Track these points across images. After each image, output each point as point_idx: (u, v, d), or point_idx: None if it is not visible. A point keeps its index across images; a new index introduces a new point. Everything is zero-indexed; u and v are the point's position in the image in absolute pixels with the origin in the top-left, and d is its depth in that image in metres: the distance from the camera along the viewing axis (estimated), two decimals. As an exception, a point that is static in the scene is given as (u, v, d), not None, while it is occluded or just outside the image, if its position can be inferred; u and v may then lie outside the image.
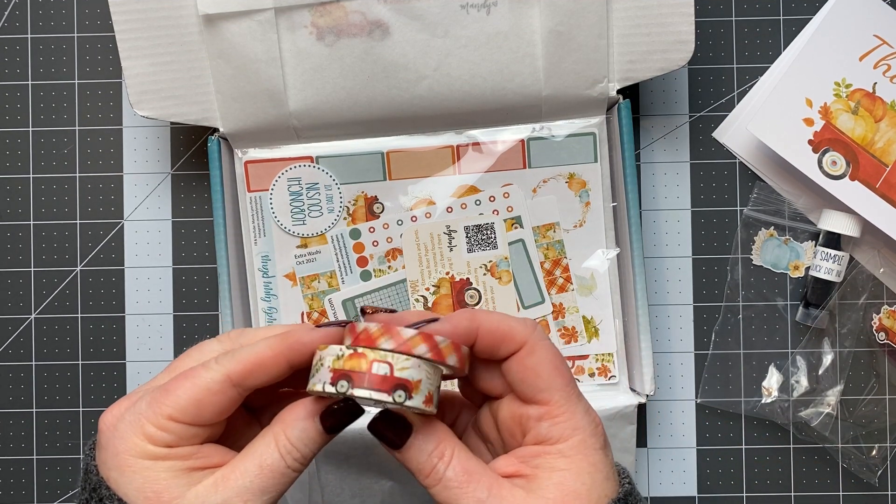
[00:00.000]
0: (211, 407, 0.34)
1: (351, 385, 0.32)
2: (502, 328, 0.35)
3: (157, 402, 0.34)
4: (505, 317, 0.36)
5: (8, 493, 0.55)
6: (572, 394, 0.35)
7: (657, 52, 0.50)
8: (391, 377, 0.32)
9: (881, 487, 0.54)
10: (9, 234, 0.55)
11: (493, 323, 0.35)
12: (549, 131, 0.52)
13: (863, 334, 0.54)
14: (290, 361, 0.35)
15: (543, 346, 0.35)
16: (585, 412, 0.35)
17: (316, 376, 0.33)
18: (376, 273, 0.53)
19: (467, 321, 0.35)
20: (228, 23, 0.49)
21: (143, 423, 0.34)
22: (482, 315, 0.35)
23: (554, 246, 0.53)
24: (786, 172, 0.54)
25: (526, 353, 0.35)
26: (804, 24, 0.55)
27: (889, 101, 0.52)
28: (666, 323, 0.55)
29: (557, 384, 0.35)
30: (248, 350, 0.35)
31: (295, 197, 0.53)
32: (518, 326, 0.35)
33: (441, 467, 0.34)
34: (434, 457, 0.34)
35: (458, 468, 0.34)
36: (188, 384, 0.34)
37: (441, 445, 0.34)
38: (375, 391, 0.32)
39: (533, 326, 0.36)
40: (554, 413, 0.35)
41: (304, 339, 0.35)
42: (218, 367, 0.34)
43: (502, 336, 0.35)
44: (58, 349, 0.55)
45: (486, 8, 0.49)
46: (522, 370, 0.35)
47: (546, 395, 0.35)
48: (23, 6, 0.55)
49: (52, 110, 0.55)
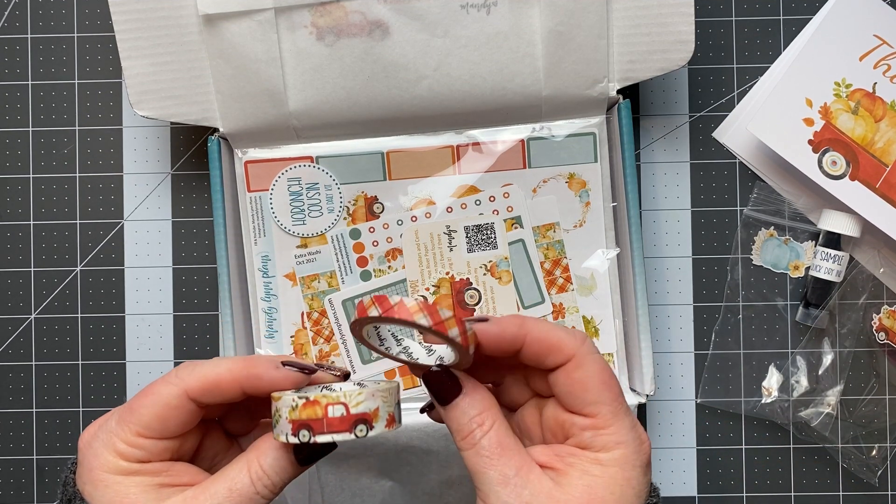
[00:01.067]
0: (174, 420, 0.35)
1: (312, 433, 0.33)
2: (551, 339, 0.35)
3: (124, 420, 0.35)
4: (554, 328, 0.35)
5: (8, 493, 0.55)
6: (620, 408, 0.35)
7: (657, 52, 0.50)
8: (348, 416, 0.33)
9: (881, 487, 0.54)
10: (9, 234, 0.55)
11: (542, 333, 0.35)
12: (549, 131, 0.52)
13: (863, 334, 0.54)
14: (246, 389, 0.36)
15: (592, 360, 0.35)
16: (632, 427, 0.35)
17: (277, 427, 0.34)
18: (376, 273, 0.53)
19: (516, 327, 0.35)
20: (228, 23, 0.49)
21: (114, 441, 0.35)
22: (531, 323, 0.35)
23: (554, 246, 0.53)
24: (786, 172, 0.54)
25: (574, 367, 0.35)
26: (804, 24, 0.55)
27: (889, 101, 0.52)
28: (666, 323, 0.55)
29: (605, 398, 0.35)
30: (207, 367, 0.36)
31: (295, 197, 0.53)
32: (567, 339, 0.35)
33: (478, 434, 0.34)
34: (474, 422, 0.35)
35: (494, 439, 0.34)
36: (149, 400, 0.35)
37: (484, 414, 0.35)
38: (337, 433, 0.33)
39: (582, 339, 0.35)
40: (600, 425, 0.35)
41: (263, 377, 0.35)
42: (177, 380, 0.35)
43: (550, 347, 0.35)
44: (58, 349, 0.55)
45: (486, 8, 0.49)
46: (570, 383, 0.35)
47: (593, 409, 0.35)
48: (23, 6, 0.55)
49: (52, 110, 0.55)
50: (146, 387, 0.36)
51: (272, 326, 0.53)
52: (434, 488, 0.51)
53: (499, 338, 0.35)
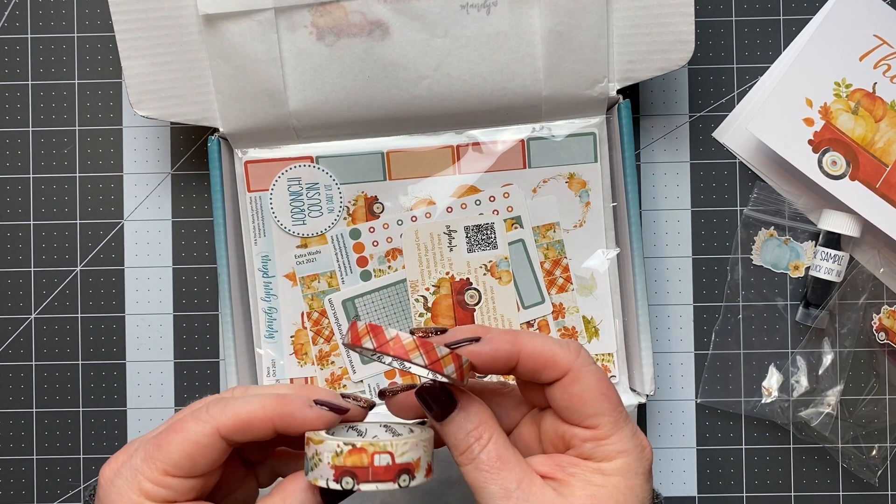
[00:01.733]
0: (204, 459, 0.34)
1: (356, 481, 0.33)
2: (545, 354, 0.34)
3: (152, 458, 0.34)
4: (547, 341, 0.35)
5: (8, 493, 0.55)
6: (620, 417, 0.35)
7: (657, 52, 0.50)
8: (393, 465, 0.33)
9: (881, 487, 0.54)
10: (9, 234, 0.55)
11: (536, 348, 0.34)
12: (549, 131, 0.52)
13: (863, 334, 0.54)
14: (278, 428, 0.35)
15: (588, 373, 0.35)
16: (632, 436, 0.35)
17: (316, 470, 0.33)
18: (376, 273, 0.53)
19: (509, 345, 0.34)
20: (228, 23, 0.49)
21: (139, 479, 0.34)
22: (524, 339, 0.35)
23: (554, 246, 0.53)
24: (786, 172, 0.54)
25: (570, 381, 0.34)
26: (804, 24, 0.55)
27: (889, 101, 0.52)
28: (666, 323, 0.55)
29: (604, 409, 0.34)
30: (240, 405, 0.34)
31: (295, 197, 0.53)
32: (561, 352, 0.35)
33: (476, 448, 0.34)
34: (471, 436, 0.34)
35: (493, 453, 0.34)
36: (179, 438, 0.34)
37: (480, 427, 0.34)
38: (381, 483, 0.33)
39: (577, 351, 0.35)
40: (600, 437, 0.34)
41: (296, 416, 0.34)
42: (208, 418, 0.34)
43: (545, 363, 0.34)
44: (58, 349, 0.55)
45: (486, 8, 0.49)
46: (567, 397, 0.35)
47: (593, 421, 0.34)
48: (23, 6, 0.55)
49: (52, 110, 0.55)
50: (174, 422, 0.35)
51: (272, 326, 0.53)
52: (434, 488, 0.50)
53: (492, 358, 0.34)
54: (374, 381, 0.53)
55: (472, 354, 0.34)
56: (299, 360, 0.53)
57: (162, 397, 0.55)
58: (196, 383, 0.55)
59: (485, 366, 0.35)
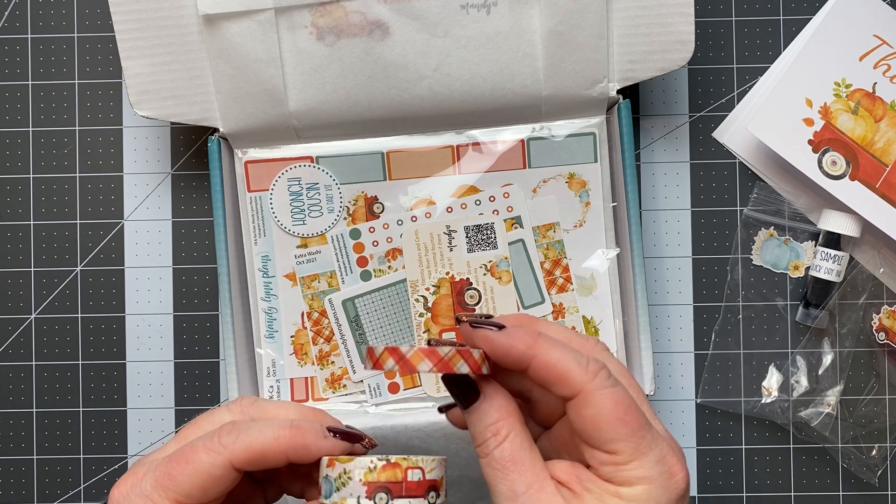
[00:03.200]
0: (215, 489, 0.34)
1: (390, 496, 0.33)
2: (558, 369, 0.32)
3: (162, 486, 0.33)
4: (566, 355, 0.32)
5: (8, 493, 0.55)
6: (642, 442, 0.32)
7: (657, 52, 0.50)
8: (424, 481, 0.33)
9: (881, 487, 0.54)
10: (9, 234, 0.55)
11: (550, 360, 0.32)
12: (549, 131, 0.52)
13: (863, 334, 0.54)
14: (291, 459, 0.34)
15: (603, 397, 0.32)
16: (658, 461, 0.32)
17: (345, 490, 0.33)
18: (376, 273, 0.53)
19: (524, 346, 0.33)
20: (228, 23, 0.49)
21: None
22: (543, 345, 0.33)
23: (554, 246, 0.53)
24: (786, 172, 0.54)
25: (581, 403, 0.32)
26: (804, 24, 0.55)
27: (889, 101, 0.52)
28: (666, 323, 0.55)
29: (622, 435, 0.32)
30: (253, 435, 0.34)
31: (295, 197, 0.53)
32: (575, 370, 0.32)
33: (492, 444, 0.33)
34: (489, 431, 0.33)
35: (507, 451, 0.33)
36: (190, 470, 0.33)
37: (500, 422, 0.33)
38: (414, 498, 0.33)
39: (595, 371, 0.32)
40: (619, 462, 0.32)
41: (311, 447, 0.34)
42: (220, 448, 0.34)
43: (556, 377, 0.32)
44: (58, 349, 0.55)
45: (486, 8, 0.49)
46: (580, 420, 0.32)
47: (611, 446, 0.32)
48: (23, 6, 0.55)
49: (52, 110, 0.55)
50: (185, 451, 0.34)
51: (272, 326, 0.53)
52: (434, 488, 0.51)
53: (504, 354, 0.33)
54: (375, 382, 0.53)
55: (484, 341, 0.33)
56: (299, 360, 0.53)
57: (162, 397, 0.55)
58: (196, 383, 0.55)
59: (496, 358, 0.33)
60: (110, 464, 0.55)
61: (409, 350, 0.32)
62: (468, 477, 0.50)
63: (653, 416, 0.35)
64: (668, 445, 0.33)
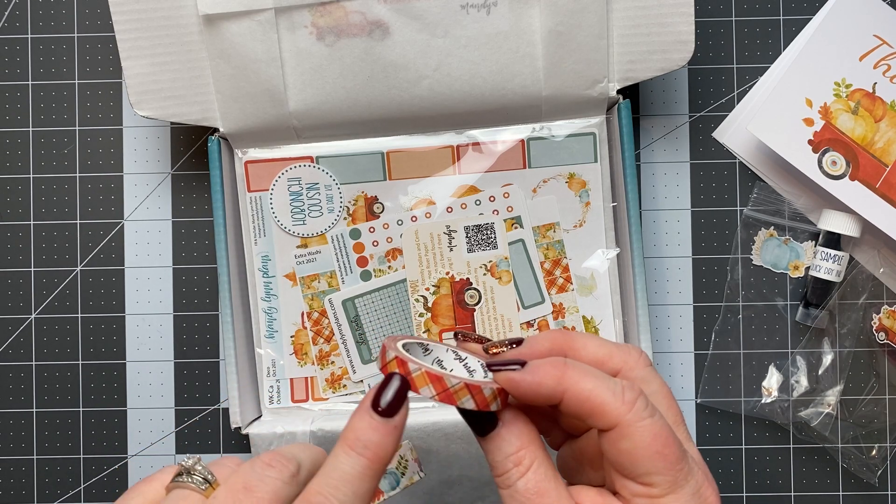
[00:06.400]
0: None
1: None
2: (593, 402, 0.30)
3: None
4: (599, 385, 0.31)
5: (8, 493, 0.55)
6: (679, 475, 0.31)
7: (657, 52, 0.50)
8: None
9: (881, 487, 0.54)
10: (9, 234, 0.55)
11: (583, 392, 0.31)
12: (549, 131, 0.52)
13: (863, 334, 0.54)
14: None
15: (641, 429, 0.30)
16: (694, 494, 0.31)
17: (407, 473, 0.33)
18: (376, 273, 0.53)
19: (553, 381, 0.31)
20: (228, 23, 0.49)
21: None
22: (573, 376, 0.31)
23: (554, 246, 0.53)
24: (786, 172, 0.54)
25: (618, 437, 0.30)
26: (804, 24, 0.55)
27: (889, 101, 0.52)
28: (666, 323, 0.55)
29: (658, 468, 0.30)
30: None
31: (295, 197, 0.53)
32: (611, 402, 0.30)
33: (514, 475, 0.31)
34: (510, 461, 0.32)
35: (532, 483, 0.31)
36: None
37: (522, 451, 0.32)
38: None
39: (631, 401, 0.31)
40: (655, 495, 0.31)
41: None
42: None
43: (591, 411, 0.31)
44: (58, 349, 0.55)
45: (486, 8, 0.49)
46: (616, 453, 0.31)
47: (646, 479, 0.31)
48: (23, 6, 0.55)
49: (52, 110, 0.55)
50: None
51: (272, 326, 0.53)
52: (434, 488, 0.50)
53: (533, 393, 0.31)
54: (375, 381, 0.53)
55: (508, 382, 0.31)
56: (299, 360, 0.53)
57: (162, 397, 0.55)
58: (196, 383, 0.55)
59: (523, 398, 0.31)
60: (110, 464, 0.55)
61: (417, 369, 0.31)
62: (468, 477, 0.50)
63: (687, 440, 0.34)
64: (702, 474, 0.32)
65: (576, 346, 0.34)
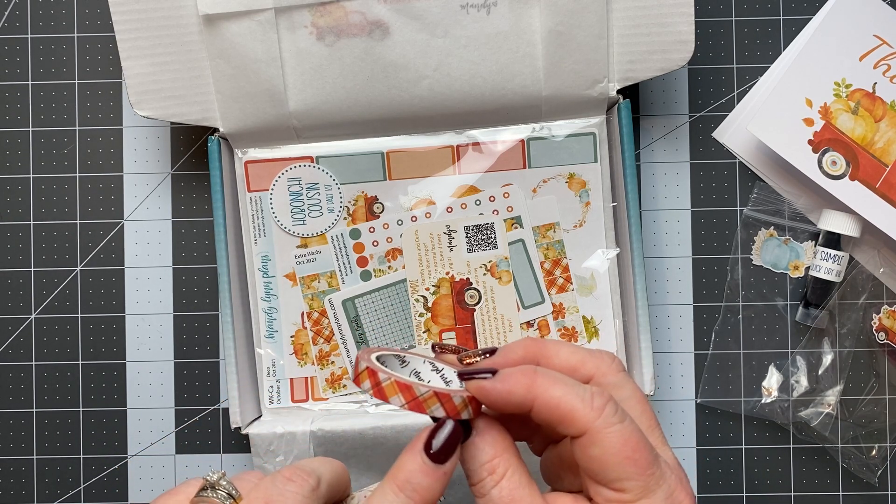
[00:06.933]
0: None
1: None
2: (561, 408, 0.31)
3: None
4: (569, 392, 0.31)
5: (8, 493, 0.55)
6: (651, 479, 0.31)
7: (657, 52, 0.50)
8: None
9: (881, 487, 0.54)
10: (9, 234, 0.55)
11: (552, 399, 0.31)
12: (549, 131, 0.52)
13: (863, 334, 0.54)
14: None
15: (610, 434, 0.30)
16: (666, 498, 0.31)
17: None
18: (376, 273, 0.53)
19: (523, 389, 0.31)
20: (228, 23, 0.49)
21: None
22: (543, 384, 0.31)
23: (554, 246, 0.53)
24: (786, 172, 0.54)
25: (588, 443, 0.31)
26: (804, 24, 0.55)
27: (889, 101, 0.52)
28: (666, 323, 0.55)
29: (629, 474, 0.30)
30: None
31: (295, 197, 0.53)
32: (580, 409, 0.30)
33: (489, 483, 0.32)
34: (485, 470, 0.32)
35: (506, 491, 0.31)
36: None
37: (496, 460, 0.32)
38: None
39: (600, 407, 0.31)
40: (627, 499, 0.31)
41: None
42: None
43: (560, 417, 0.31)
44: (58, 349, 0.55)
45: (486, 8, 0.49)
46: (586, 459, 0.31)
47: (618, 485, 0.31)
48: (23, 6, 0.55)
49: (52, 110, 0.55)
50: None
51: (272, 326, 0.53)
52: (434, 488, 0.50)
53: (504, 401, 0.31)
54: (374, 381, 0.53)
55: (479, 392, 0.31)
56: (299, 360, 0.53)
57: (162, 397, 0.55)
58: (196, 383, 0.55)
59: (495, 409, 0.32)
60: (110, 464, 0.55)
61: (387, 379, 0.31)
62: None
63: (662, 444, 0.34)
64: (676, 478, 0.32)
65: (548, 354, 0.34)
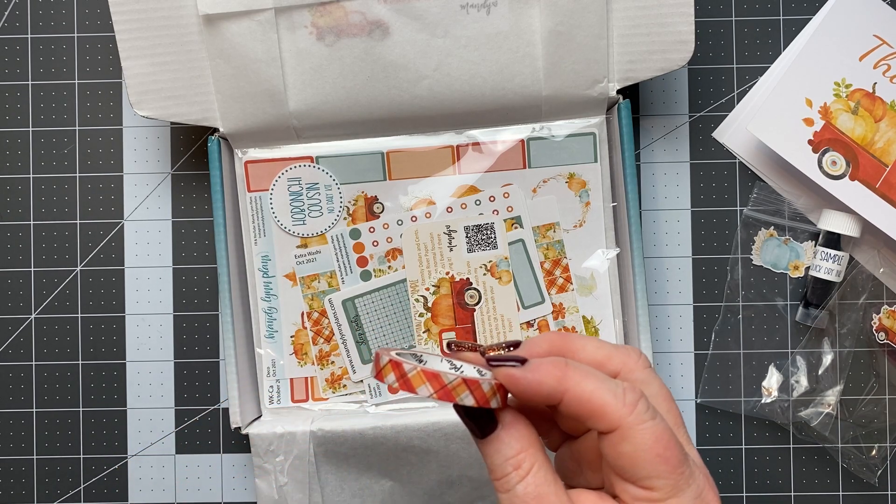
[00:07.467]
0: None
1: None
2: (593, 403, 0.30)
3: None
4: (601, 387, 0.30)
5: (8, 493, 0.55)
6: (681, 479, 0.30)
7: (657, 52, 0.50)
8: None
9: (881, 487, 0.54)
10: (9, 234, 0.55)
11: (584, 393, 0.30)
12: (549, 131, 0.52)
13: (863, 334, 0.54)
14: None
15: (642, 431, 0.30)
16: (695, 499, 0.30)
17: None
18: (376, 273, 0.53)
19: (554, 381, 0.30)
20: (228, 23, 0.49)
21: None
22: (574, 377, 0.30)
23: (554, 246, 0.53)
24: (786, 172, 0.54)
25: (619, 439, 0.30)
26: (804, 24, 0.55)
27: (889, 101, 0.52)
28: (666, 323, 0.55)
29: (660, 472, 0.30)
30: None
31: (295, 197, 0.53)
32: (612, 404, 0.30)
33: (513, 479, 0.31)
34: (510, 465, 0.31)
35: (531, 487, 0.31)
36: None
37: (522, 455, 0.31)
38: None
39: (633, 403, 0.30)
40: (655, 499, 0.30)
41: None
42: None
43: (591, 412, 0.30)
44: (58, 349, 0.55)
45: (486, 8, 0.49)
46: (617, 456, 0.30)
47: (647, 483, 0.30)
48: (23, 6, 0.55)
49: (52, 110, 0.55)
50: None
51: (272, 326, 0.53)
52: (434, 488, 0.51)
53: (533, 391, 0.30)
54: (374, 382, 0.53)
55: (508, 381, 0.31)
56: (299, 360, 0.53)
57: (162, 397, 0.55)
58: (196, 383, 0.55)
59: (523, 399, 0.31)
60: (110, 464, 0.55)
61: (413, 369, 0.31)
62: (468, 477, 0.50)
63: (687, 442, 0.33)
64: (704, 477, 0.31)
65: (574, 348, 0.34)
